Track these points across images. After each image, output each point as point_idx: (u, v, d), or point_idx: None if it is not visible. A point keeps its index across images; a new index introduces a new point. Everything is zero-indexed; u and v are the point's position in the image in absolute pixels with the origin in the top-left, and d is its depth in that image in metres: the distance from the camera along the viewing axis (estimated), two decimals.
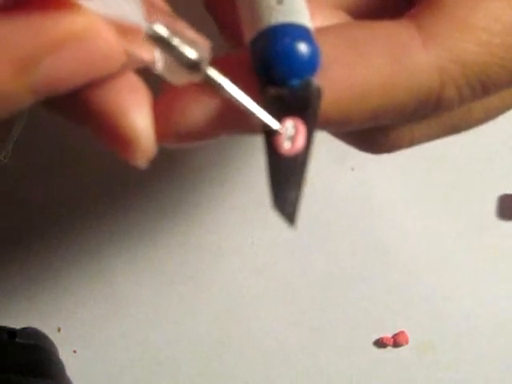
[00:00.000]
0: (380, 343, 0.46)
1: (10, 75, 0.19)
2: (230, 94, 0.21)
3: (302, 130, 0.21)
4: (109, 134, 0.21)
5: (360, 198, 0.46)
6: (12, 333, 0.42)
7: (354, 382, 0.45)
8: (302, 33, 0.21)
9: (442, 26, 0.22)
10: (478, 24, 0.23)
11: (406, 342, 0.45)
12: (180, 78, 0.20)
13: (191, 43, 0.20)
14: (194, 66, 0.20)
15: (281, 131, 0.21)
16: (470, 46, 0.23)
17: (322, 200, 0.46)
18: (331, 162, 0.46)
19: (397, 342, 0.45)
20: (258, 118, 0.21)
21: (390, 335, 0.46)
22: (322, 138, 0.45)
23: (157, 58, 0.20)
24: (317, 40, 0.21)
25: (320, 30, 0.22)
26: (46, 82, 0.19)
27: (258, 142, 0.22)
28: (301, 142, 0.21)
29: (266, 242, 0.46)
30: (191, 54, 0.20)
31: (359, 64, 0.22)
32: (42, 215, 0.46)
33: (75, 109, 0.21)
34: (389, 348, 0.46)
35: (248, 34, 0.22)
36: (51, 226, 0.46)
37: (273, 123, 0.21)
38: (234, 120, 0.22)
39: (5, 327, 0.42)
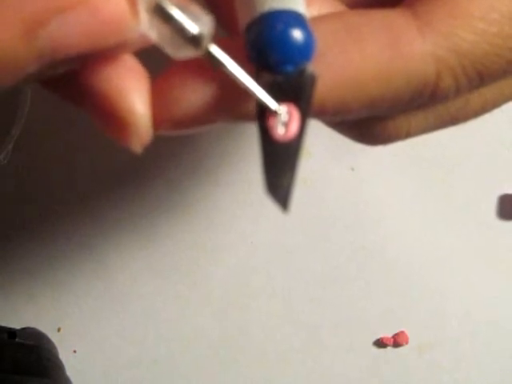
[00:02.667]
0: (380, 343, 0.45)
1: (17, 36, 0.18)
2: (230, 71, 0.21)
3: (296, 116, 0.21)
4: (106, 117, 0.21)
5: (360, 197, 0.46)
6: (12, 333, 0.42)
7: (354, 382, 0.45)
8: (296, 19, 0.21)
9: (439, 14, 0.22)
10: (474, 13, 0.23)
11: (406, 342, 0.45)
12: (180, 52, 0.20)
13: (194, 17, 0.20)
14: (195, 41, 0.20)
15: (279, 112, 0.21)
16: (466, 34, 0.22)
17: (322, 200, 0.46)
18: (330, 161, 0.47)
19: (397, 341, 0.45)
20: (256, 98, 0.21)
21: (389, 335, 0.45)
22: (322, 138, 0.46)
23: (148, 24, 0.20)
24: (312, 27, 0.21)
25: (316, 17, 0.23)
26: (52, 45, 0.19)
27: (256, 141, 0.22)
28: (294, 128, 0.21)
29: (266, 242, 0.46)
30: (193, 28, 0.20)
31: (355, 50, 0.22)
32: (41, 215, 0.46)
33: (74, 89, 0.21)
34: (389, 348, 0.45)
35: (243, 21, 0.22)
36: (51, 225, 0.46)
37: (271, 103, 0.21)
38: (229, 106, 0.22)
39: (5, 327, 0.42)
